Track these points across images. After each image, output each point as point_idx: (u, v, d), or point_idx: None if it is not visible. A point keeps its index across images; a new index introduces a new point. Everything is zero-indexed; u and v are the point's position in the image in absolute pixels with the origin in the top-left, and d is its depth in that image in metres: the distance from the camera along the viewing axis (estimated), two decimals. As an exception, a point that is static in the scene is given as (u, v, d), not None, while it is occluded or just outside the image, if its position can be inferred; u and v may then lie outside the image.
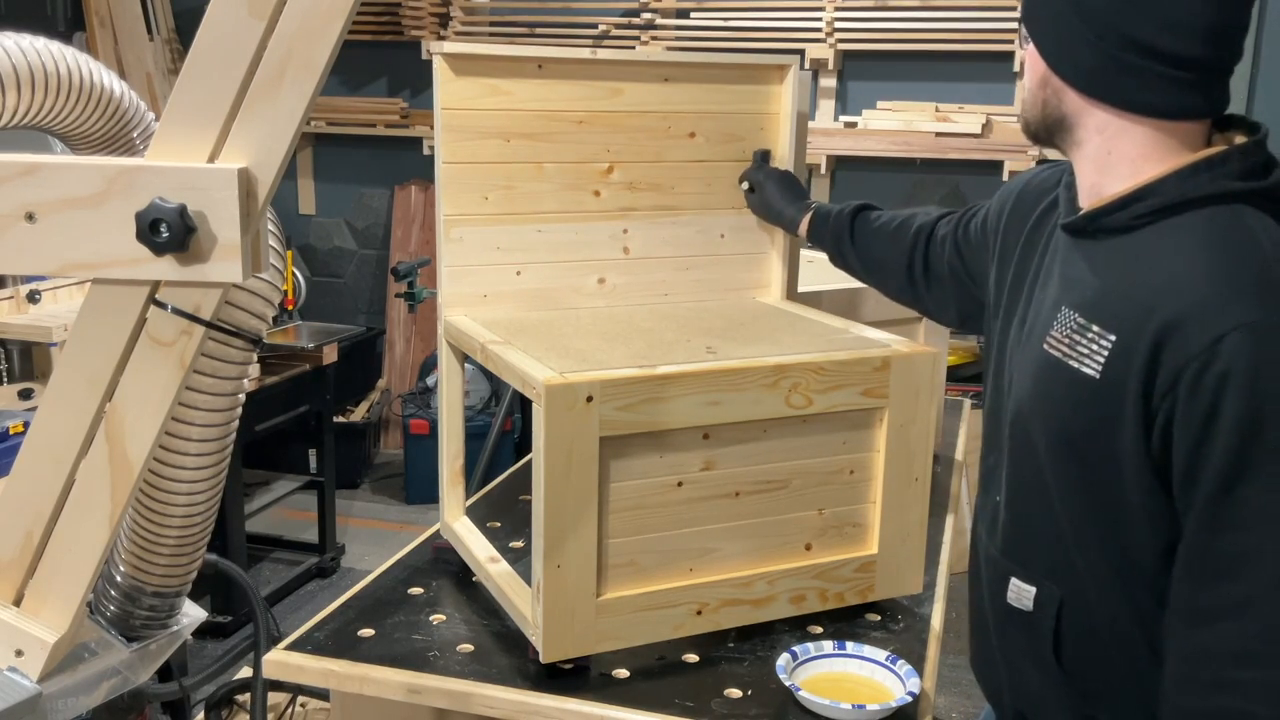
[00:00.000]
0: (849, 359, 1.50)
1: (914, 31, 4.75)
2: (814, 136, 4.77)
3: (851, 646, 1.46)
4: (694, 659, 1.47)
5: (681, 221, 1.83)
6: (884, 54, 4.89)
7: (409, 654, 1.45)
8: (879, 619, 1.59)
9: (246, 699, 2.09)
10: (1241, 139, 1.22)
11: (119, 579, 1.40)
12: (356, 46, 5.43)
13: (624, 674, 1.42)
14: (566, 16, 5.23)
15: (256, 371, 3.75)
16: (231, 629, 3.77)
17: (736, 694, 1.38)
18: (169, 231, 1.06)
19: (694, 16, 5.03)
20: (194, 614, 1.51)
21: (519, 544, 1.79)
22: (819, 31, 4.85)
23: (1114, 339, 1.17)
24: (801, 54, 4.81)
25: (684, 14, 5.07)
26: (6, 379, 3.21)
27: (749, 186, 1.85)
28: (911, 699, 1.34)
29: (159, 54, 5.54)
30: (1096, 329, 1.19)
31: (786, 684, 1.36)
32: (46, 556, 1.22)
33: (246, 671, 2.21)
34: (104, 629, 1.39)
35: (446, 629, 1.53)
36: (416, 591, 1.64)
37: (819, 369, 1.47)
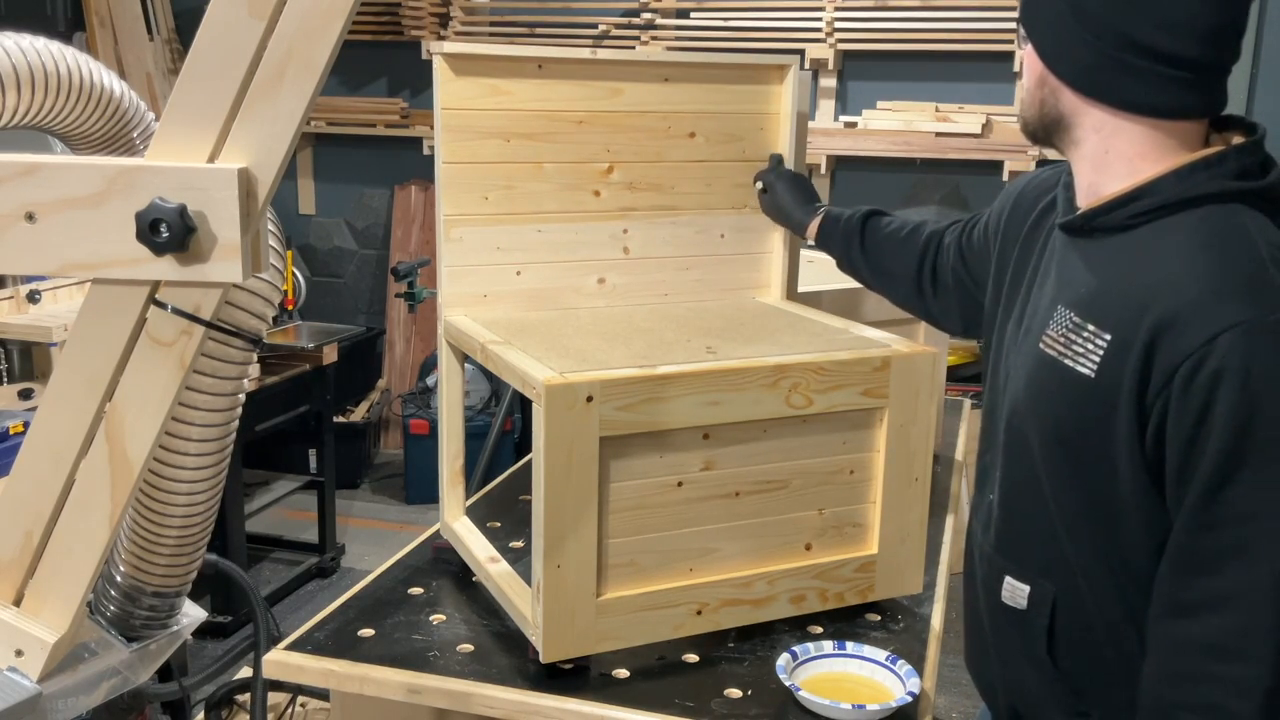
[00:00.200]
0: (849, 359, 1.50)
1: (914, 31, 4.75)
2: (814, 136, 4.77)
3: (851, 646, 1.46)
4: (694, 659, 1.47)
5: (681, 221, 1.83)
6: (884, 54, 4.89)
7: (409, 654, 1.45)
8: (879, 619, 1.59)
9: (246, 699, 2.09)
10: (1240, 139, 1.22)
11: (119, 579, 1.40)
12: (356, 46, 5.43)
13: (624, 674, 1.42)
14: (566, 16, 5.23)
15: (256, 371, 3.75)
16: (231, 629, 3.77)
17: (736, 694, 1.38)
18: (169, 231, 1.06)
19: (694, 16, 5.04)
20: (194, 614, 1.51)
21: (519, 544, 1.79)
22: (819, 31, 4.85)
23: (1109, 338, 1.18)
24: (801, 54, 4.82)
25: (684, 14, 5.07)
26: (6, 379, 3.21)
27: (762, 187, 1.85)
28: (911, 699, 1.34)
29: (159, 54, 5.54)
30: (1092, 328, 1.20)
31: (786, 684, 1.36)
32: (46, 556, 1.22)
33: (246, 671, 2.21)
34: (104, 629, 1.39)
35: (446, 629, 1.53)
36: (416, 591, 1.64)
37: (819, 369, 1.47)
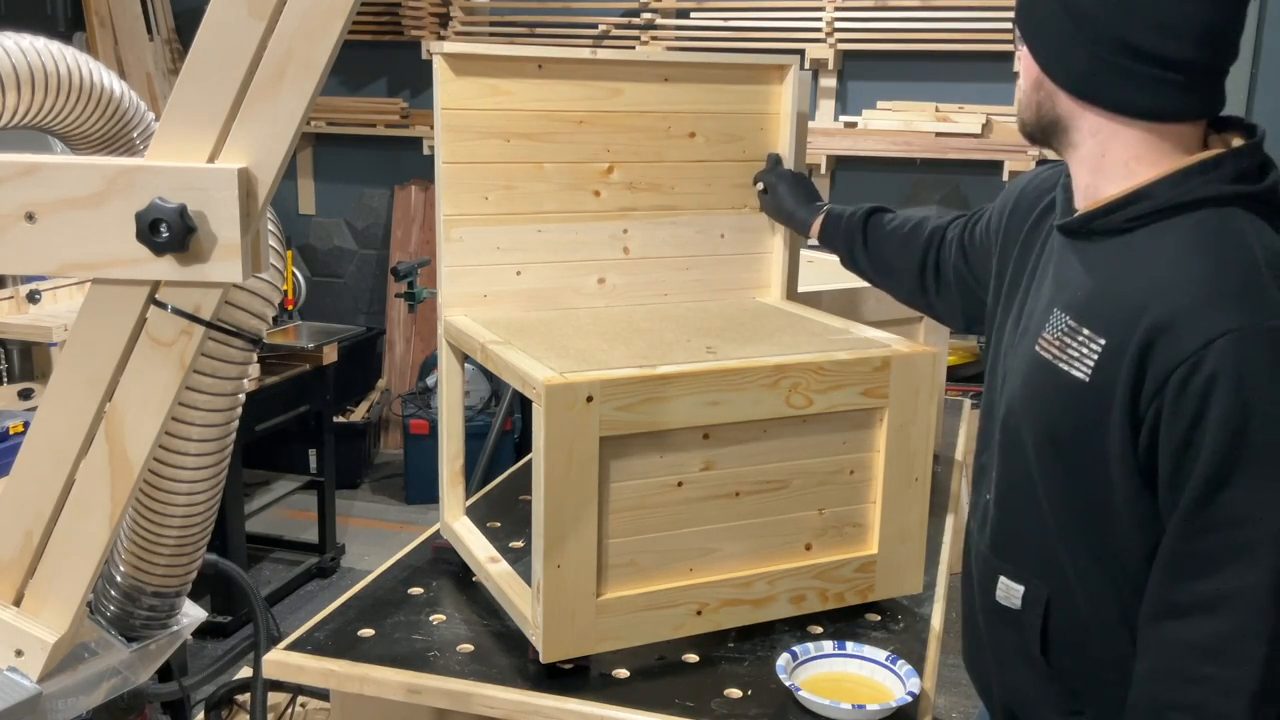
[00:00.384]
0: (849, 359, 1.50)
1: (914, 31, 4.75)
2: (814, 136, 4.77)
3: (851, 646, 1.46)
4: (694, 659, 1.47)
5: (681, 221, 1.83)
6: (884, 54, 4.89)
7: (409, 654, 1.45)
8: (879, 619, 1.59)
9: (246, 699, 2.09)
10: (1239, 141, 1.22)
11: (119, 579, 1.40)
12: (356, 46, 5.43)
13: (624, 674, 1.42)
14: (566, 16, 5.23)
15: (256, 371, 3.75)
16: (231, 629, 3.77)
17: (736, 694, 1.38)
18: (169, 231, 1.06)
19: (694, 16, 5.04)
20: (194, 614, 1.51)
21: (519, 544, 1.79)
22: (819, 31, 4.85)
23: (1104, 343, 1.17)
24: (801, 54, 4.81)
25: (684, 14, 5.07)
26: (6, 379, 3.21)
27: (763, 187, 1.85)
28: (911, 699, 1.34)
29: (159, 54, 5.54)
30: (1087, 332, 1.20)
31: (786, 684, 1.36)
32: (46, 556, 1.22)
33: (246, 671, 2.21)
34: (104, 629, 1.39)
35: (446, 629, 1.53)
36: (416, 591, 1.64)
37: (819, 369, 1.47)
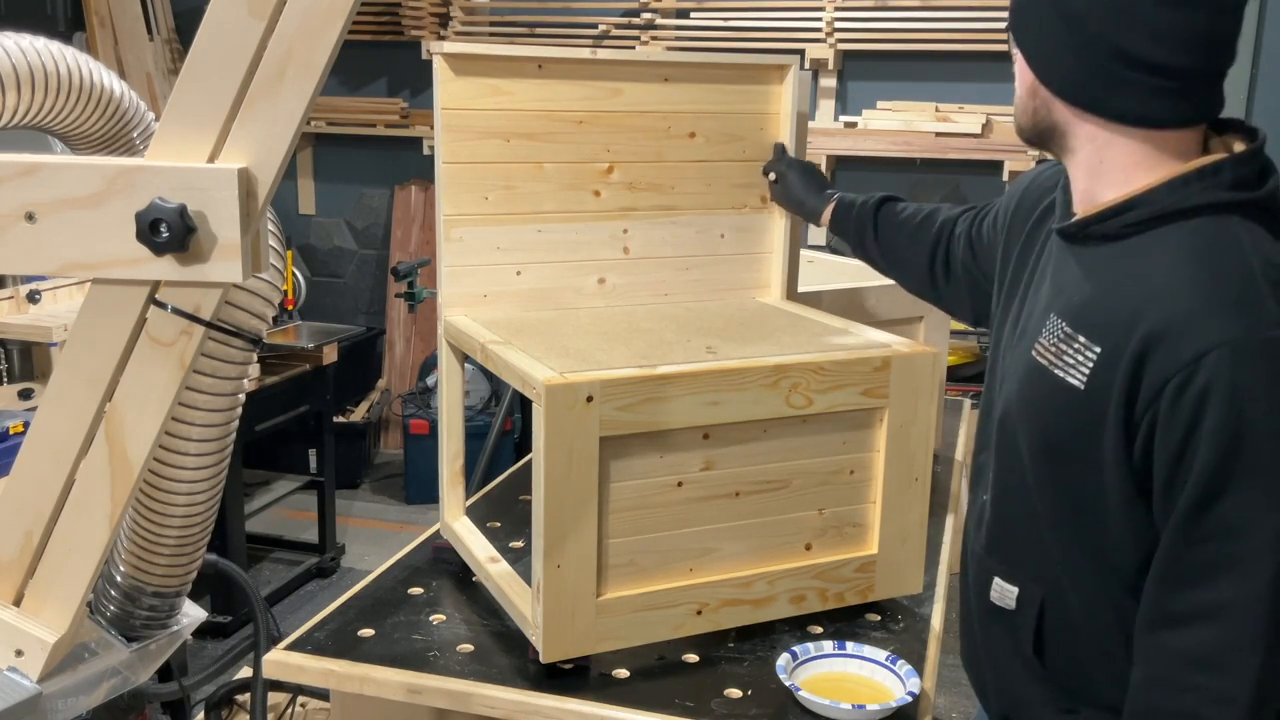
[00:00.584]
0: (849, 359, 1.50)
1: (914, 31, 4.75)
2: (814, 136, 4.77)
3: (851, 646, 1.46)
4: (694, 659, 1.47)
5: (681, 221, 1.83)
6: (884, 54, 4.89)
7: (409, 654, 1.45)
8: (879, 619, 1.59)
9: (246, 699, 2.09)
10: (1240, 145, 1.21)
11: (119, 579, 1.40)
12: (356, 46, 5.43)
13: (624, 674, 1.42)
14: (566, 16, 5.23)
15: (256, 371, 3.75)
16: (231, 629, 3.77)
17: (736, 694, 1.38)
18: (169, 231, 1.06)
19: (694, 16, 5.03)
20: (194, 614, 1.51)
21: (519, 544, 1.79)
22: (819, 31, 4.85)
23: (1099, 350, 1.17)
24: (801, 54, 4.81)
25: (684, 14, 5.07)
26: (6, 379, 3.21)
27: (774, 177, 1.85)
28: (911, 699, 1.34)
29: (159, 54, 5.54)
30: (1083, 339, 1.19)
31: (786, 684, 1.36)
32: (46, 556, 1.22)
33: (246, 671, 2.21)
34: (104, 629, 1.39)
35: (446, 629, 1.53)
36: (416, 591, 1.64)
37: (819, 369, 1.47)
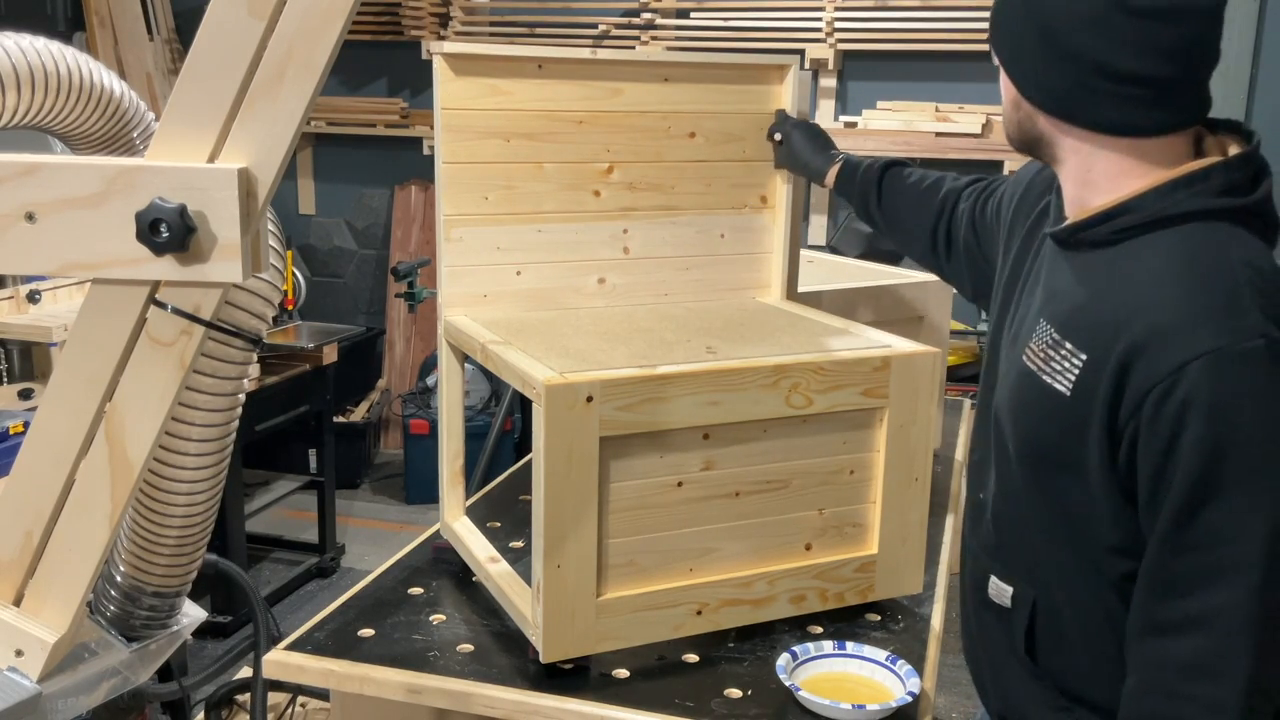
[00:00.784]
0: (849, 359, 1.50)
1: (914, 31, 4.75)
2: (814, 136, 4.77)
3: (851, 646, 1.46)
4: (694, 659, 1.47)
5: (681, 221, 1.83)
6: (884, 54, 4.89)
7: (409, 654, 1.45)
8: (879, 619, 1.59)
9: (246, 699, 2.09)
10: (1235, 148, 1.20)
11: (119, 579, 1.40)
12: (356, 46, 5.43)
13: (624, 674, 1.42)
14: (566, 16, 5.23)
15: (256, 371, 3.75)
16: (231, 629, 3.77)
17: (736, 694, 1.38)
18: (169, 231, 1.06)
19: (694, 16, 5.03)
20: (194, 614, 1.51)
21: (519, 544, 1.79)
22: (819, 31, 4.85)
23: (1084, 358, 1.18)
24: (801, 54, 4.81)
25: (684, 14, 5.07)
26: (6, 379, 3.21)
27: (779, 138, 1.84)
28: (911, 699, 1.34)
29: (159, 54, 5.54)
30: (1069, 346, 1.20)
31: (786, 684, 1.36)
32: (46, 556, 1.22)
33: (246, 671, 2.21)
34: (104, 629, 1.39)
35: (446, 629, 1.53)
36: (416, 591, 1.64)
37: (819, 369, 1.47)
